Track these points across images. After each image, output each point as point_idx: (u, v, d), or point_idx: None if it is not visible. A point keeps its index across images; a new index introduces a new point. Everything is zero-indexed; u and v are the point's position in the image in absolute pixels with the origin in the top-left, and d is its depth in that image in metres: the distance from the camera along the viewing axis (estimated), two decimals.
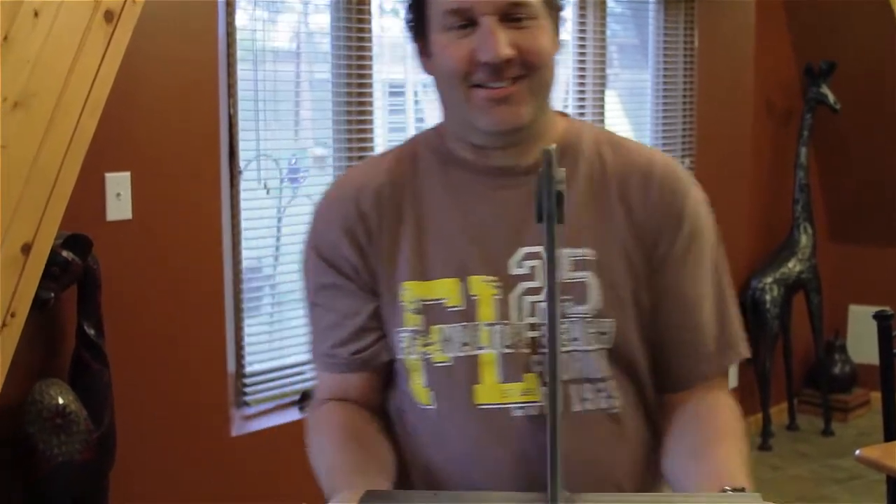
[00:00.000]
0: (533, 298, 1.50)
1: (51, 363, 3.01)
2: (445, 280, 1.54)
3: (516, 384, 1.51)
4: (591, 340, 1.50)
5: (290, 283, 3.83)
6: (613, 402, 1.52)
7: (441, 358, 1.53)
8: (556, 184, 1.18)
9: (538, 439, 1.46)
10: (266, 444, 3.59)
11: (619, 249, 1.51)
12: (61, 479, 2.86)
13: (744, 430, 1.52)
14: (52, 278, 2.75)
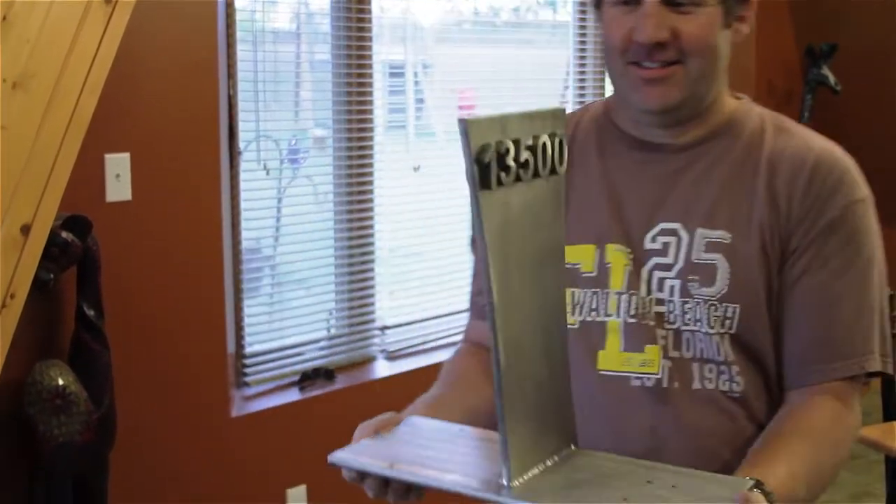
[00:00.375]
0: (662, 274, 1.52)
1: (51, 344, 3.01)
2: (583, 245, 1.57)
3: (637, 354, 1.53)
4: (713, 324, 1.49)
5: (290, 264, 3.84)
6: (734, 385, 1.51)
7: (570, 321, 1.57)
8: (479, 153, 1.16)
9: (652, 410, 1.51)
10: (266, 424, 3.59)
11: (757, 235, 1.49)
12: (62, 460, 2.87)
13: (836, 440, 1.48)
14: (52, 259, 2.76)
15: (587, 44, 4.63)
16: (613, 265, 1.55)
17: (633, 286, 1.53)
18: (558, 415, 1.33)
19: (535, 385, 1.28)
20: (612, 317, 1.54)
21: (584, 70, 4.65)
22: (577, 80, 4.65)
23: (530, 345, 1.28)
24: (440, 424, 1.47)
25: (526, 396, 1.27)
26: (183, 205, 3.28)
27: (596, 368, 1.56)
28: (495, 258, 1.21)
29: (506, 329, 1.23)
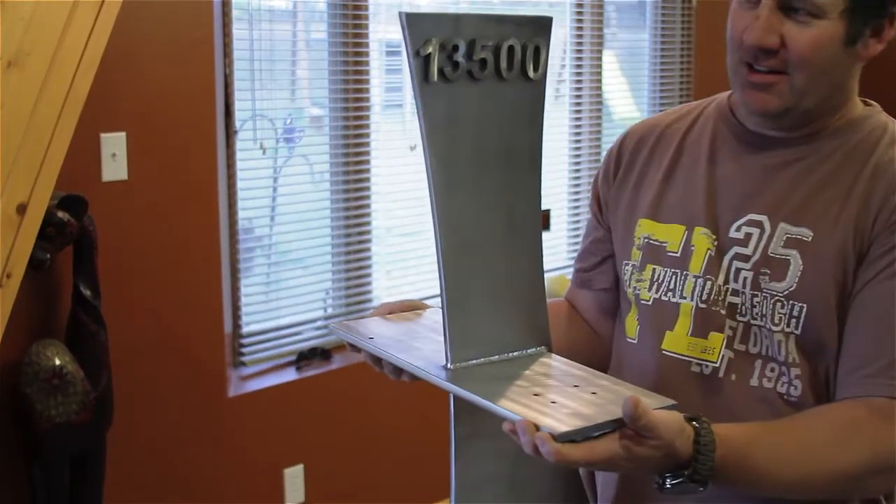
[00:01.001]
0: (739, 264, 1.50)
1: (47, 324, 3.01)
2: (674, 225, 1.57)
3: (701, 340, 1.52)
4: (778, 321, 1.46)
5: (287, 244, 3.83)
6: (793, 389, 1.47)
7: (645, 296, 1.58)
8: (419, 46, 1.20)
9: (703, 397, 1.50)
10: (263, 404, 3.60)
11: (839, 240, 1.45)
12: (59, 440, 2.87)
13: (846, 440, 1.40)
14: (48, 239, 2.75)
15: (584, 22, 4.61)
16: (696, 248, 1.54)
17: (710, 272, 1.52)
18: (524, 314, 1.38)
19: (488, 283, 1.34)
20: (686, 299, 1.54)
21: (581, 48, 4.64)
22: (574, 58, 4.63)
23: (485, 244, 1.33)
24: None
25: (474, 292, 1.33)
26: (179, 184, 3.27)
27: (660, 347, 1.56)
28: (437, 151, 1.27)
29: (448, 220, 1.29)
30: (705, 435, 1.27)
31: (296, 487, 3.73)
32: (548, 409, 1.21)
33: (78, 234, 2.86)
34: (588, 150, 4.76)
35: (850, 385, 1.44)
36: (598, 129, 4.76)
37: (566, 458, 1.15)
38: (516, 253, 1.37)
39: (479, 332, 1.34)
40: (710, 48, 5.07)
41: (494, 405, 1.21)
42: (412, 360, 1.35)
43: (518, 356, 1.37)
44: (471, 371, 1.32)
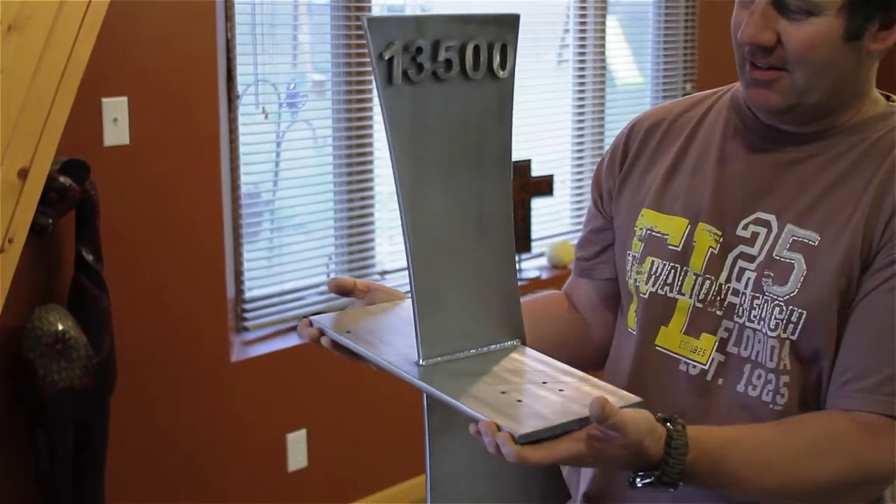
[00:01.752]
0: (744, 264, 1.47)
1: (50, 289, 3.01)
2: (677, 218, 1.54)
3: (692, 339, 1.50)
4: (775, 326, 1.43)
5: (290, 209, 3.83)
6: (778, 398, 1.44)
7: (643, 289, 1.55)
8: (382, 50, 1.21)
9: (689, 398, 1.48)
10: (266, 369, 3.60)
11: (846, 246, 1.40)
12: (62, 405, 2.87)
13: (828, 451, 1.37)
14: (50, 204, 2.75)
15: None
16: (698, 245, 1.51)
17: (710, 271, 1.49)
18: (497, 309, 1.38)
19: (458, 280, 1.34)
20: (684, 296, 1.51)
21: (584, 14, 4.61)
22: (578, 25, 4.61)
23: (455, 241, 1.34)
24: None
25: (445, 288, 1.34)
26: (181, 149, 3.27)
27: (654, 342, 1.54)
28: (404, 152, 1.27)
29: (417, 220, 1.30)
30: (678, 438, 1.25)
31: (298, 452, 3.74)
32: (512, 408, 1.20)
33: (80, 200, 2.85)
34: (591, 115, 4.74)
35: (841, 397, 1.40)
36: (601, 94, 4.74)
37: (527, 460, 1.14)
38: (487, 249, 1.37)
39: (450, 328, 1.35)
40: (714, 14, 5.05)
41: (459, 403, 1.22)
42: (385, 356, 1.36)
43: (491, 351, 1.38)
44: (441, 367, 1.33)
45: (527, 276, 4.37)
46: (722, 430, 1.35)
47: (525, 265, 4.46)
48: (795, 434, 1.37)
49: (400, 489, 4.07)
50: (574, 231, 4.79)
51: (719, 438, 1.32)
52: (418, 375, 1.31)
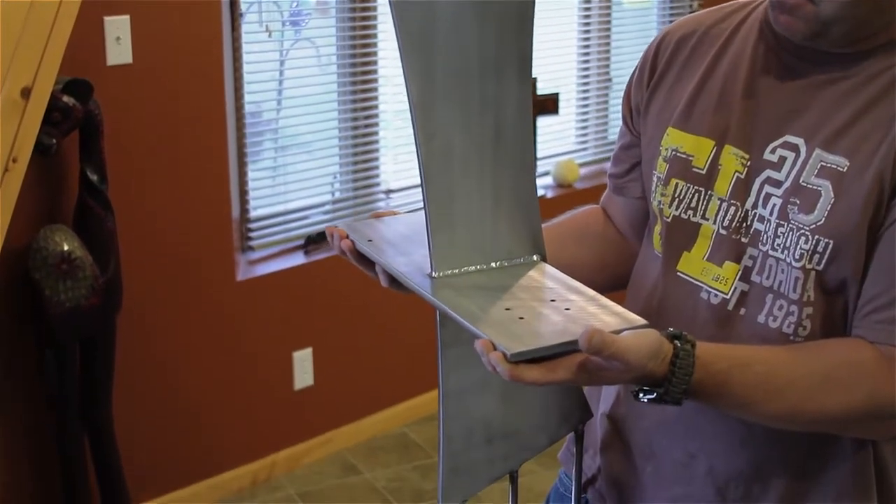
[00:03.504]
0: (770, 189, 1.41)
1: (55, 210, 3.01)
2: (703, 138, 1.48)
3: (715, 267, 1.45)
4: (800, 256, 1.37)
5: (294, 128, 3.82)
6: (800, 329, 1.39)
7: (667, 212, 1.50)
8: None
9: (709, 327, 1.44)
10: (271, 288, 3.61)
11: (875, 172, 1.33)
12: (69, 324, 2.89)
13: (844, 379, 1.32)
14: (54, 124, 2.74)
15: None
16: (724, 169, 1.45)
17: (736, 196, 1.43)
18: (515, 224, 1.36)
19: (474, 192, 1.32)
20: (708, 221, 1.46)
21: None
22: None
23: (470, 153, 1.30)
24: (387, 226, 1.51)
25: (458, 201, 1.31)
26: (184, 68, 3.25)
27: (675, 267, 1.49)
28: (415, 64, 1.23)
29: (429, 131, 1.27)
30: (683, 357, 1.22)
31: (304, 370, 3.76)
32: (512, 325, 1.18)
33: (83, 119, 2.84)
34: (597, 33, 4.70)
35: (864, 328, 1.35)
36: (607, 12, 4.69)
37: (522, 378, 1.12)
38: (505, 163, 1.33)
39: (464, 242, 1.33)
40: None
41: (460, 318, 1.20)
42: (399, 267, 1.34)
43: (506, 266, 1.35)
44: (452, 280, 1.31)
45: None
46: (734, 351, 1.32)
47: None
48: (812, 361, 1.33)
49: (406, 406, 4.10)
50: (579, 150, 4.77)
51: (730, 359, 1.29)
52: (427, 287, 1.29)
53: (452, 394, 1.35)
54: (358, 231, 1.44)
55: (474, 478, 1.42)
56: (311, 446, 3.84)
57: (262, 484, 3.70)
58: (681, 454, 1.48)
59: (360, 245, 1.41)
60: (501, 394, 1.40)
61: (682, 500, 1.49)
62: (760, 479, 1.44)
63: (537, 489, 3.18)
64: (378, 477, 3.75)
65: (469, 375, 1.35)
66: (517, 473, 1.49)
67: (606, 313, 1.22)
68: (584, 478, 1.63)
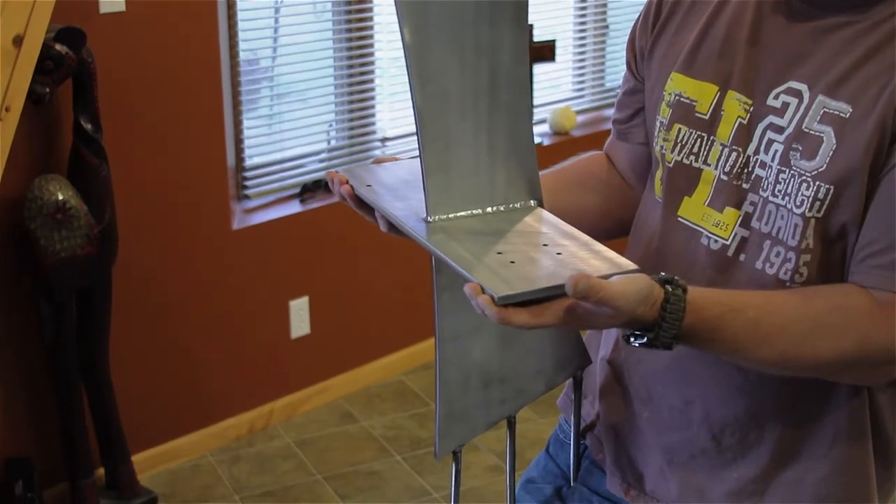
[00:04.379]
0: (773, 136, 1.40)
1: (49, 159, 3.00)
2: (706, 84, 1.47)
3: (716, 213, 1.45)
4: (801, 202, 1.36)
5: (289, 76, 3.79)
6: (797, 277, 1.38)
7: (669, 157, 1.50)
8: None
9: (708, 273, 1.44)
10: (267, 236, 3.61)
11: (877, 118, 1.32)
12: (64, 274, 2.89)
13: (836, 324, 1.32)
14: (46, 73, 2.72)
15: None
16: (726, 114, 1.44)
17: (738, 142, 1.43)
18: (511, 169, 1.36)
19: (468, 136, 1.32)
20: (709, 167, 1.45)
21: None
22: None
23: (465, 97, 1.30)
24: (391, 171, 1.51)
25: (453, 145, 1.31)
26: (178, 15, 3.22)
27: (677, 213, 1.49)
28: (409, 7, 1.24)
29: (423, 74, 1.27)
30: (674, 303, 1.22)
31: (301, 319, 3.77)
32: (502, 269, 1.19)
33: (77, 68, 2.82)
34: None
35: (860, 273, 1.35)
36: None
37: (510, 321, 1.13)
38: (501, 108, 1.33)
39: (460, 185, 1.33)
40: None
41: (451, 261, 1.21)
42: (396, 211, 1.34)
43: (503, 210, 1.35)
44: (446, 225, 1.31)
45: None
46: (727, 296, 1.32)
47: None
48: (805, 306, 1.33)
49: (403, 354, 4.11)
50: (575, 98, 4.75)
51: (722, 305, 1.29)
52: (422, 231, 1.30)
53: (449, 338, 1.36)
54: (358, 176, 1.44)
55: (471, 423, 1.43)
56: (309, 394, 3.86)
57: (259, 432, 3.71)
58: (678, 400, 1.49)
59: (359, 190, 1.40)
60: (498, 338, 1.41)
61: (678, 446, 1.50)
62: (756, 426, 1.45)
63: (533, 436, 3.20)
64: (375, 425, 3.77)
65: (465, 320, 1.36)
66: (514, 419, 1.49)
67: (597, 258, 1.22)
68: (582, 424, 1.64)
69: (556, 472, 1.69)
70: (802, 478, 1.45)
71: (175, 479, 3.44)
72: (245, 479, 3.45)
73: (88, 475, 3.13)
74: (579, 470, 1.64)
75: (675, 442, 1.51)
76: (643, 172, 1.65)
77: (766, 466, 1.46)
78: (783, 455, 1.45)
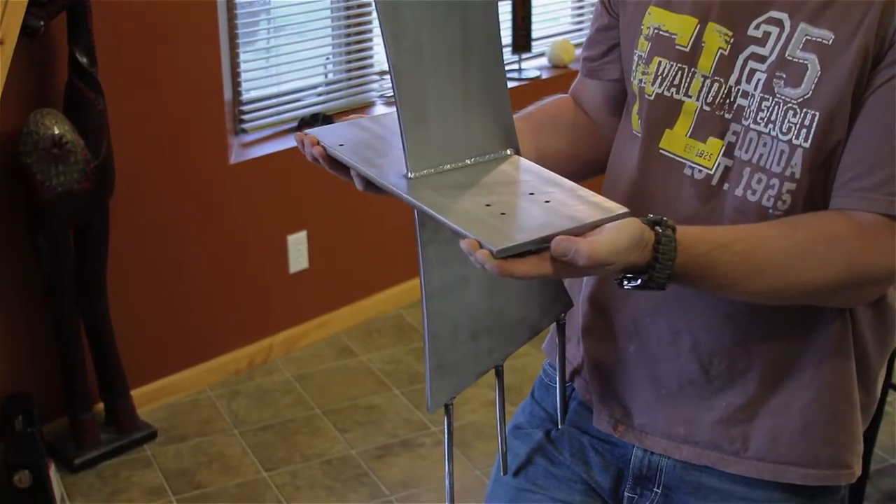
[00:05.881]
0: (755, 65, 1.40)
1: (45, 93, 2.98)
2: (685, 17, 1.47)
3: (699, 143, 1.45)
4: (787, 130, 1.37)
5: (286, 9, 3.76)
6: (780, 204, 1.39)
7: (649, 91, 1.50)
8: None
9: (693, 203, 1.45)
10: (264, 170, 3.59)
11: (859, 45, 1.33)
12: (61, 208, 2.88)
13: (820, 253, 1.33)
14: (41, 5, 2.69)
15: None
16: (707, 46, 1.44)
17: (719, 73, 1.43)
18: (487, 119, 1.36)
19: (444, 90, 1.32)
20: (691, 98, 1.45)
21: None
22: None
23: (438, 51, 1.31)
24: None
25: (430, 99, 1.31)
26: None
27: (658, 145, 1.49)
28: None
29: (396, 29, 1.27)
30: (665, 243, 1.23)
31: (299, 253, 3.76)
32: (495, 221, 1.19)
33: (71, 1, 2.79)
34: None
35: (842, 197, 1.37)
36: None
37: (512, 273, 1.14)
38: (474, 58, 1.33)
39: (438, 139, 1.33)
40: None
41: (443, 218, 1.21)
42: (374, 169, 1.34)
43: (482, 161, 1.35)
44: (429, 180, 1.31)
45: (527, 76, 4.32)
46: (715, 232, 1.34)
47: (525, 65, 4.41)
48: (790, 236, 1.35)
49: (402, 289, 4.11)
50: (574, 31, 4.71)
51: (710, 242, 1.30)
52: (404, 188, 1.30)
53: (436, 292, 1.36)
54: (328, 136, 1.43)
55: (461, 374, 1.44)
56: (307, 329, 3.86)
57: (258, 367, 3.72)
58: (666, 331, 1.50)
59: (332, 150, 1.39)
60: (484, 289, 1.41)
61: (666, 377, 1.51)
62: (744, 354, 1.47)
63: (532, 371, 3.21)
64: (374, 359, 3.78)
65: (451, 272, 1.37)
66: (502, 368, 1.51)
67: (585, 204, 1.22)
68: (569, 368, 1.65)
69: (543, 416, 1.70)
70: (789, 403, 1.47)
71: (174, 413, 3.46)
72: (244, 413, 3.47)
73: (88, 410, 3.15)
74: (566, 412, 1.65)
75: (663, 373, 1.52)
76: (615, 109, 1.65)
77: (754, 394, 1.48)
78: (770, 381, 1.47)
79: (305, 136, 1.44)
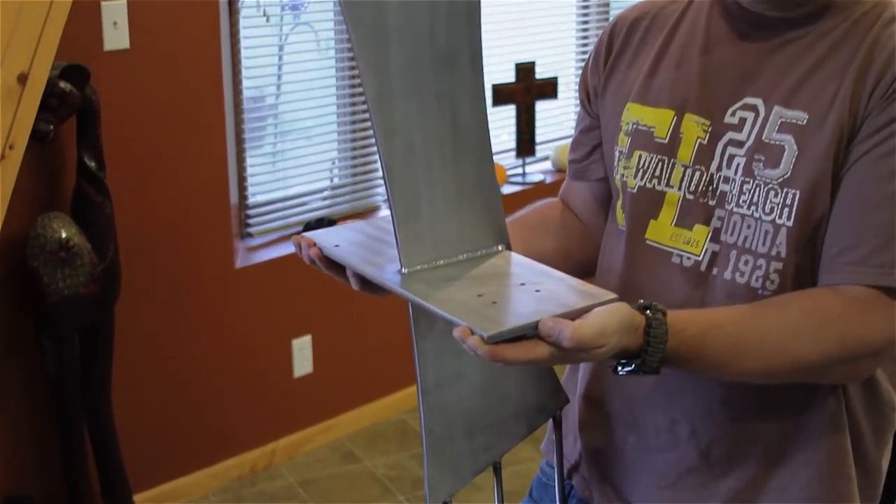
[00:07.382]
0: (733, 151, 1.44)
1: (52, 197, 2.99)
2: (662, 110, 1.51)
3: (685, 231, 1.48)
4: (770, 210, 1.40)
5: (293, 114, 3.80)
6: (768, 284, 1.41)
7: (631, 184, 1.53)
8: None
9: (684, 291, 1.46)
10: (270, 274, 3.60)
11: (834, 122, 1.37)
12: (67, 312, 2.87)
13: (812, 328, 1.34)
14: (51, 110, 2.72)
15: None
16: (685, 136, 1.48)
17: (700, 161, 1.46)
18: (478, 215, 1.38)
19: (435, 186, 1.33)
20: (672, 188, 1.48)
21: None
22: None
23: (429, 147, 1.32)
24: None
25: (422, 196, 1.33)
26: (182, 53, 3.22)
27: (644, 236, 1.52)
28: (369, 61, 1.26)
29: (388, 127, 1.28)
30: (656, 327, 1.25)
31: (304, 357, 3.75)
32: (486, 310, 1.20)
33: (81, 105, 2.82)
34: (595, 16, 4.68)
35: (829, 272, 1.38)
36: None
37: (504, 358, 1.14)
38: (464, 155, 1.35)
39: (431, 235, 1.35)
40: None
41: (434, 307, 1.23)
42: (369, 266, 1.36)
43: (473, 256, 1.38)
44: (422, 274, 1.33)
45: (531, 181, 4.34)
46: (705, 315, 1.35)
47: (529, 168, 4.44)
48: (781, 314, 1.36)
49: (406, 394, 4.09)
50: None
51: (701, 324, 1.32)
52: (398, 283, 1.31)
53: (431, 388, 1.38)
54: (325, 238, 1.45)
55: (459, 472, 1.43)
56: (311, 434, 3.83)
57: (261, 472, 3.69)
58: (663, 420, 1.50)
59: (328, 250, 1.41)
60: (479, 384, 1.42)
61: (666, 467, 1.51)
62: (742, 436, 1.47)
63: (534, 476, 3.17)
64: (378, 464, 3.74)
65: (446, 368, 1.39)
66: (500, 465, 1.50)
67: (575, 292, 1.24)
68: (567, 465, 1.65)
69: None
70: (789, 484, 1.47)
71: None
72: None
73: None
74: None
75: (662, 464, 1.52)
76: (603, 209, 1.68)
77: (754, 476, 1.48)
78: (769, 462, 1.47)
79: (302, 238, 1.45)
